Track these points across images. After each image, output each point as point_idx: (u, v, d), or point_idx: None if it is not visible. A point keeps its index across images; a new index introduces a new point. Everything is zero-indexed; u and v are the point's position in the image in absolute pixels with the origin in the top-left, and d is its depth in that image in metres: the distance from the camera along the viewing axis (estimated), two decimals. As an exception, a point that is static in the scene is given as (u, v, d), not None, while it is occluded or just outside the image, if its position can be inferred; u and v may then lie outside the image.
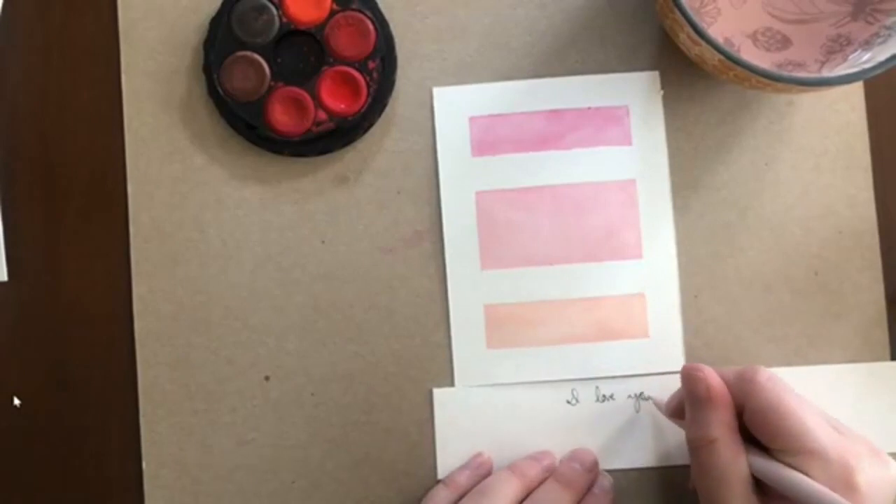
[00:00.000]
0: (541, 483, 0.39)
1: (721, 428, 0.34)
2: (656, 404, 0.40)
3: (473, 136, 0.42)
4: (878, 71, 0.35)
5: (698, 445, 0.35)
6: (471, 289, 0.41)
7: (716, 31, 0.40)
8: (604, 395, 0.41)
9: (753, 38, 0.40)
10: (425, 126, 0.42)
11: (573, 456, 0.40)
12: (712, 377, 0.35)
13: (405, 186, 0.42)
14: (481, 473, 0.40)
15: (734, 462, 0.34)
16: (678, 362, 0.41)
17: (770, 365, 0.41)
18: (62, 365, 0.42)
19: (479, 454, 0.40)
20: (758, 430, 0.34)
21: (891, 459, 0.34)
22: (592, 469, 0.39)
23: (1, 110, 0.42)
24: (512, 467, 0.39)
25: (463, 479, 0.39)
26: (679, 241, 0.41)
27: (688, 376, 0.36)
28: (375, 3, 0.41)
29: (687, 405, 0.36)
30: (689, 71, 0.42)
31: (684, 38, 0.37)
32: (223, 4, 0.41)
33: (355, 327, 0.41)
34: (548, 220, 0.41)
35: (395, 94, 0.42)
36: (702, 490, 0.35)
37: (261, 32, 0.41)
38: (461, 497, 0.38)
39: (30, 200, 0.42)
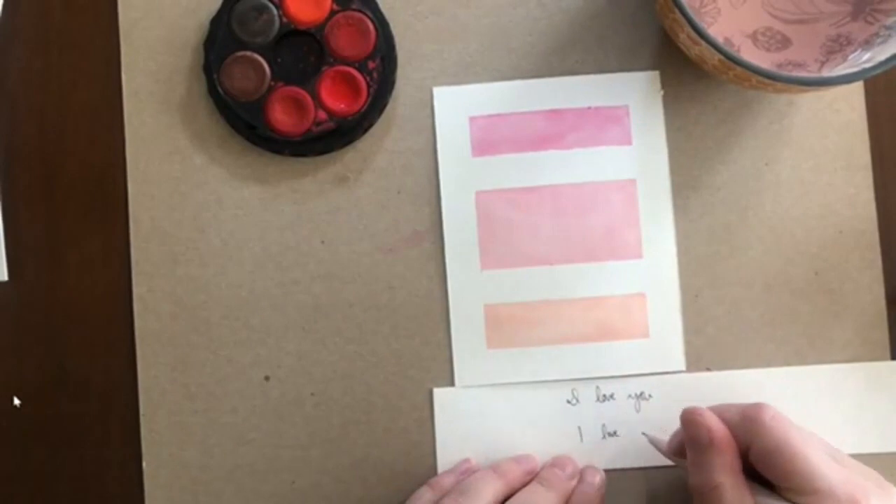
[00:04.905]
0: (523, 485, 0.38)
1: (725, 473, 0.34)
2: (652, 442, 0.40)
3: (473, 136, 0.42)
4: (878, 71, 0.35)
5: (702, 491, 0.34)
6: (471, 289, 0.41)
7: (716, 31, 0.40)
8: (604, 395, 0.41)
9: (753, 38, 0.40)
10: (425, 126, 0.42)
11: (555, 462, 0.40)
12: (713, 421, 0.35)
13: (405, 186, 0.42)
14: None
15: None
16: (678, 362, 0.41)
17: (770, 365, 0.41)
18: (62, 365, 0.42)
19: (466, 460, 0.40)
20: (765, 469, 0.34)
21: None
22: (574, 476, 0.39)
23: (1, 110, 0.42)
24: (494, 468, 0.39)
25: (447, 482, 0.39)
26: (679, 241, 0.41)
27: (688, 421, 0.35)
28: (375, 3, 0.41)
29: (689, 450, 0.36)
30: (689, 71, 0.42)
31: (684, 38, 0.37)
32: (223, 4, 0.41)
33: (355, 327, 0.41)
34: (548, 220, 0.41)
35: (395, 94, 0.42)
36: None
37: (261, 32, 0.41)
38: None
39: (30, 200, 0.42)
